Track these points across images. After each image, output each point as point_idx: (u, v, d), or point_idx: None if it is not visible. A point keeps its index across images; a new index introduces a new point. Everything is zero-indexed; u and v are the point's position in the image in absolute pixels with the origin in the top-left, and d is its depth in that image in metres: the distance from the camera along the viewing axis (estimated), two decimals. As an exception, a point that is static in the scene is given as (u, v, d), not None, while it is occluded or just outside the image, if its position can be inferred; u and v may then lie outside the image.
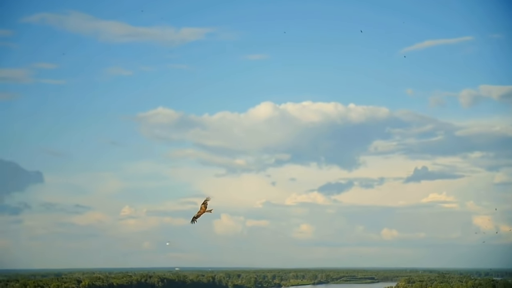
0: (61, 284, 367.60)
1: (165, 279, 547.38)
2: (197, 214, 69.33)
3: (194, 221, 70.40)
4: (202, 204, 70.06)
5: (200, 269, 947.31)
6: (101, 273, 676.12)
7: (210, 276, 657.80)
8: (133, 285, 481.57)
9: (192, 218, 69.90)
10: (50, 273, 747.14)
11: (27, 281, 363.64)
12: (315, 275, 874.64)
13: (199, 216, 70.36)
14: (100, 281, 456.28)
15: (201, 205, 70.03)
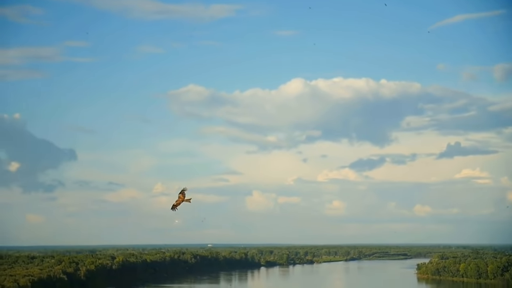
0: (95, 260, 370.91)
1: (198, 255, 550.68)
2: (176, 202, 69.17)
3: (174, 209, 70.31)
4: (179, 194, 69.69)
5: (233, 245, 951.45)
6: (134, 250, 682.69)
7: (242, 252, 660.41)
8: (166, 262, 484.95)
9: (172, 206, 69.79)
10: (84, 250, 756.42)
11: (62, 257, 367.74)
12: (347, 251, 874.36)
13: (178, 204, 70.19)
14: (134, 257, 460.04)
15: (179, 194, 69.69)
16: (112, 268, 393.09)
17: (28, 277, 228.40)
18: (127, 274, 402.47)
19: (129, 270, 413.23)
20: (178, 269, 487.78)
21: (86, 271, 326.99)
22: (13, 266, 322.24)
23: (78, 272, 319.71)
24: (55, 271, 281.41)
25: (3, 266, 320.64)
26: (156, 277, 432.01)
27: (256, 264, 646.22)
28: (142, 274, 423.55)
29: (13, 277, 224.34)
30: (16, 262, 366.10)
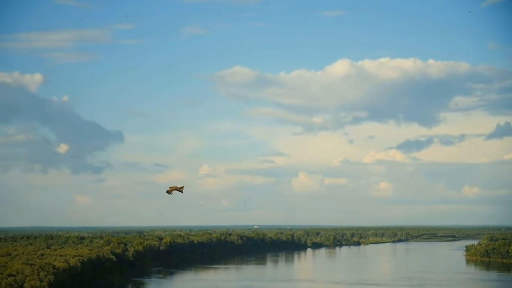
0: (143, 241, 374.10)
1: (244, 236, 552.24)
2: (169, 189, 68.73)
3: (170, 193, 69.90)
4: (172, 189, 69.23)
5: (279, 227, 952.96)
6: (181, 231, 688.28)
7: (289, 234, 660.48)
8: (213, 243, 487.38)
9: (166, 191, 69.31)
10: (132, 231, 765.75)
11: (110, 238, 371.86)
12: (394, 233, 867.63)
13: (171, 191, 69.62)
14: (181, 238, 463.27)
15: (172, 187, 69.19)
16: (159, 249, 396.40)
17: (78, 257, 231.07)
18: (174, 255, 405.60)
19: (177, 251, 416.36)
20: (225, 250, 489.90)
21: (134, 251, 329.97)
22: (63, 246, 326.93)
23: (126, 253, 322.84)
24: (104, 252, 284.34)
25: (54, 246, 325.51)
26: (203, 258, 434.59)
27: (302, 246, 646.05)
28: (189, 255, 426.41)
29: (64, 257, 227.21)
30: (66, 243, 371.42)
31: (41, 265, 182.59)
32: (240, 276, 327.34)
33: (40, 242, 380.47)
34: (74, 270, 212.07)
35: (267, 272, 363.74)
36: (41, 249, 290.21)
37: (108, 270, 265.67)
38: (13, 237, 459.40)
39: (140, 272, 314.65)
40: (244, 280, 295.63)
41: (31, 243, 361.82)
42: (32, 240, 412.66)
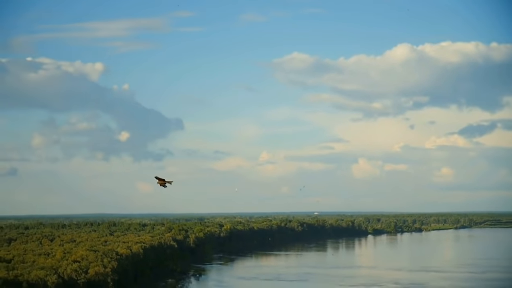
0: (204, 228, 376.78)
1: (304, 223, 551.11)
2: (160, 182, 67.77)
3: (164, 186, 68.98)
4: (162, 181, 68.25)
5: (339, 213, 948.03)
6: (241, 218, 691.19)
7: (349, 220, 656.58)
8: (273, 229, 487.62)
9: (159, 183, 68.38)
10: (193, 217, 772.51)
11: (172, 225, 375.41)
12: (457, 219, 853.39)
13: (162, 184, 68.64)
14: (241, 225, 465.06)
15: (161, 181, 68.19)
16: (220, 236, 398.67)
17: (140, 244, 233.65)
18: (234, 242, 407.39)
19: (237, 238, 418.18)
20: (285, 237, 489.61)
21: (195, 238, 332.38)
22: (126, 233, 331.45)
23: (187, 240, 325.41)
24: (166, 238, 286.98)
25: (116, 233, 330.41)
26: (263, 244, 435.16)
27: (363, 232, 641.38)
28: (249, 242, 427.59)
29: (126, 244, 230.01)
30: (129, 229, 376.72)
31: (105, 252, 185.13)
32: (300, 263, 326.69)
33: (103, 229, 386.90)
34: (137, 256, 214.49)
35: (327, 259, 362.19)
36: (104, 236, 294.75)
37: (170, 256, 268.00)
38: (77, 224, 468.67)
39: (201, 259, 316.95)
40: (305, 267, 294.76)
41: (95, 230, 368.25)
42: (96, 227, 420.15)
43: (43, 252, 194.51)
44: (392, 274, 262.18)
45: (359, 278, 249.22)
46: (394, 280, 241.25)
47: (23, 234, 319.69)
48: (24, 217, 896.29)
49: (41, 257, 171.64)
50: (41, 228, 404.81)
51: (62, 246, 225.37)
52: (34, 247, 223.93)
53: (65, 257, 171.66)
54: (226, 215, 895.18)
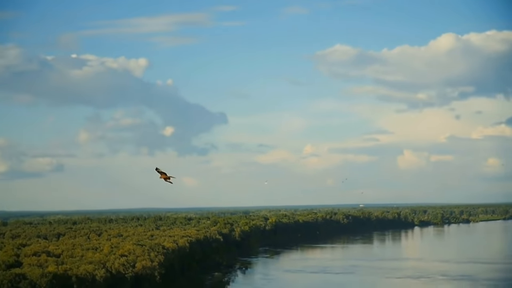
0: (249, 221, 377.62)
1: (350, 215, 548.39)
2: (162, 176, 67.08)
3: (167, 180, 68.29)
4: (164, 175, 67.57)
5: (385, 205, 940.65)
6: (286, 211, 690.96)
7: (395, 212, 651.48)
8: (318, 222, 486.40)
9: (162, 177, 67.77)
10: (238, 211, 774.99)
11: (217, 219, 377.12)
12: (505, 210, 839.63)
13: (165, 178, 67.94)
14: (286, 218, 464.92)
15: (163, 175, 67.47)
16: (265, 229, 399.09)
17: (186, 238, 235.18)
18: (280, 235, 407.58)
19: (282, 231, 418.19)
20: (330, 230, 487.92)
21: (240, 232, 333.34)
22: (172, 227, 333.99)
23: (233, 233, 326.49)
24: (211, 232, 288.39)
25: (162, 227, 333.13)
26: (308, 237, 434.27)
27: (410, 224, 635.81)
28: (295, 235, 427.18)
29: (172, 238, 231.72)
30: (175, 224, 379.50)
31: (151, 246, 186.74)
32: (346, 255, 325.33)
33: (149, 223, 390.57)
34: (183, 250, 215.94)
35: (373, 251, 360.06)
36: (151, 230, 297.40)
37: (216, 250, 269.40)
38: (123, 219, 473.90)
39: (246, 252, 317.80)
40: (351, 259, 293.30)
41: (141, 224, 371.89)
42: (142, 221, 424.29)
43: (91, 246, 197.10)
44: (440, 266, 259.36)
45: (406, 270, 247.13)
46: (442, 272, 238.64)
47: (71, 229, 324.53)
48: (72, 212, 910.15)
49: (89, 252, 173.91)
50: (88, 223, 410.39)
51: (110, 240, 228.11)
52: (82, 242, 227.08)
53: (113, 252, 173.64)
54: (271, 208, 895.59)
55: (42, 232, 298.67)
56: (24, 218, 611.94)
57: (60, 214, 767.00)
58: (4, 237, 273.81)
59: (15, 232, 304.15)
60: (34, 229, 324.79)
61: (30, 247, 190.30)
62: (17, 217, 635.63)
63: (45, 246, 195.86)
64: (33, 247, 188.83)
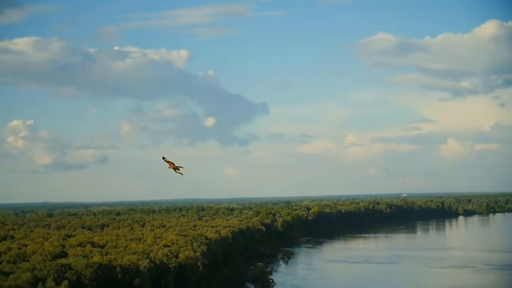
0: (291, 211, 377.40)
1: (392, 205, 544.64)
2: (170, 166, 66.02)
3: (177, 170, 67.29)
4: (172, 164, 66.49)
5: (428, 194, 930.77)
6: (329, 201, 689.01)
7: (439, 201, 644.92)
8: (361, 212, 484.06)
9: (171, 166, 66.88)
10: (280, 201, 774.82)
11: (259, 209, 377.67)
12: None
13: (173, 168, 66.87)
14: (329, 208, 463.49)
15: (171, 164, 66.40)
16: (307, 219, 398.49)
17: (228, 228, 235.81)
18: (322, 225, 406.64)
19: (324, 221, 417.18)
20: (373, 219, 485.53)
21: (282, 222, 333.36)
22: (214, 217, 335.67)
23: (275, 223, 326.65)
24: (254, 222, 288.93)
25: (205, 218, 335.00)
26: (351, 227, 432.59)
27: (454, 213, 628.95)
28: (337, 225, 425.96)
29: (215, 228, 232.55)
30: (217, 214, 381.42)
31: (194, 236, 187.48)
32: (389, 245, 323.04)
33: (192, 213, 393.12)
34: (226, 240, 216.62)
35: (417, 241, 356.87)
36: (193, 221, 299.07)
37: (258, 240, 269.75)
38: (166, 209, 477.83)
39: (289, 242, 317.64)
40: (394, 249, 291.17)
41: (184, 215, 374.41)
42: (185, 212, 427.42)
43: (135, 237, 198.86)
44: (484, 256, 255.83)
45: (450, 260, 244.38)
46: (486, 261, 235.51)
47: (115, 220, 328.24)
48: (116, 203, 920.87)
49: (133, 242, 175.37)
50: (132, 214, 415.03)
51: (153, 231, 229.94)
52: (126, 233, 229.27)
53: (156, 242, 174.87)
54: (313, 198, 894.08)
55: (87, 223, 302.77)
56: (68, 209, 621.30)
57: (104, 205, 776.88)
58: (50, 228, 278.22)
59: (60, 223, 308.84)
60: (79, 220, 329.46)
61: (75, 238, 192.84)
62: (62, 209, 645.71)
63: (89, 237, 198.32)
64: (78, 238, 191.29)
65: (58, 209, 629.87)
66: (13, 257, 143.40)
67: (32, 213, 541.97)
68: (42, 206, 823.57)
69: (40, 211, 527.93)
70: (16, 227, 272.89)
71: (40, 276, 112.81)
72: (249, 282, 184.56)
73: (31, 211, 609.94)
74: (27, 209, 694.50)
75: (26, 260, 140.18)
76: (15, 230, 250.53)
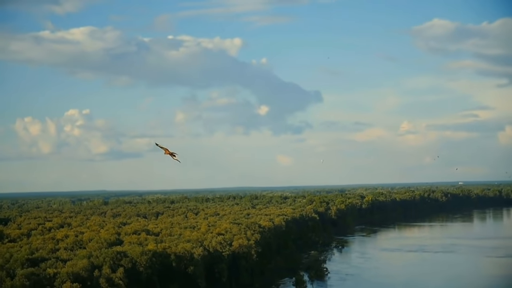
0: (345, 200, 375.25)
1: (448, 193, 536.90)
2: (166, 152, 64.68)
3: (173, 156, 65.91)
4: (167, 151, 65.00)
5: (485, 183, 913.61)
6: (383, 189, 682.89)
7: (496, 190, 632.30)
8: (415, 200, 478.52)
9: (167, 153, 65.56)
10: (334, 189, 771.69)
11: (313, 197, 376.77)
12: None
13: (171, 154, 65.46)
14: (383, 196, 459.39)
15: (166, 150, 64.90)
16: (362, 207, 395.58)
17: (282, 217, 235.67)
18: (376, 213, 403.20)
19: (379, 209, 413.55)
20: (428, 208, 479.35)
21: (336, 210, 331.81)
22: (267, 206, 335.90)
23: (329, 212, 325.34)
24: (307, 211, 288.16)
25: (258, 206, 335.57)
26: (405, 215, 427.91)
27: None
28: (392, 213, 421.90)
29: (268, 216, 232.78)
30: (270, 202, 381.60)
31: (248, 224, 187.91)
32: (445, 234, 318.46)
33: (245, 202, 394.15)
34: (279, 229, 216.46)
35: (473, 230, 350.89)
36: (247, 209, 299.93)
37: (312, 228, 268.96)
38: (220, 198, 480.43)
39: (342, 230, 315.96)
40: (450, 238, 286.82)
41: (237, 203, 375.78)
42: (238, 200, 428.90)
43: (189, 225, 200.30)
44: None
45: (508, 249, 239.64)
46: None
47: (169, 208, 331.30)
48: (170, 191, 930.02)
49: (187, 230, 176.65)
50: (186, 202, 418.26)
51: (207, 219, 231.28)
52: (180, 221, 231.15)
53: (210, 230, 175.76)
54: (367, 186, 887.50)
55: (142, 211, 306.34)
56: (124, 197, 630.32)
57: (158, 194, 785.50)
58: (106, 216, 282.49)
59: (115, 211, 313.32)
60: (134, 208, 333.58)
61: (130, 225, 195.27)
62: (117, 197, 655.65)
63: (144, 225, 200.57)
64: (133, 225, 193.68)
65: (114, 197, 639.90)
66: (70, 244, 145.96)
67: (88, 201, 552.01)
68: (98, 194, 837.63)
69: (96, 199, 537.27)
70: (73, 215, 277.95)
71: (96, 263, 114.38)
72: (302, 270, 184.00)
73: (87, 199, 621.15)
74: (84, 197, 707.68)
75: (83, 247, 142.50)
76: (72, 218, 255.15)
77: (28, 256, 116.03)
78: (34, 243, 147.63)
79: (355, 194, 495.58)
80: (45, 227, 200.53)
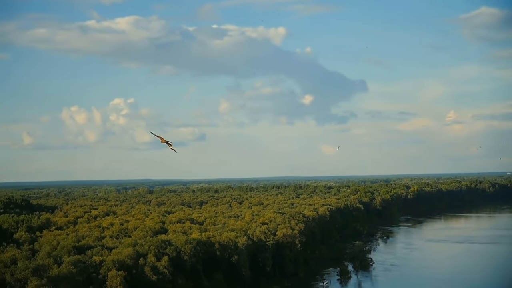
0: (390, 190, 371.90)
1: (496, 184, 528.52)
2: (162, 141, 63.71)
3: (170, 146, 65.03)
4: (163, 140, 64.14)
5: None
6: (429, 179, 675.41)
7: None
8: (462, 191, 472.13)
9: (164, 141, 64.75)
10: (378, 179, 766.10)
11: (357, 187, 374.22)
12: None
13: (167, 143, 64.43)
14: (429, 187, 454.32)
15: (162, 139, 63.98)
16: (407, 198, 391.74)
17: (326, 206, 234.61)
18: (422, 203, 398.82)
19: (424, 200, 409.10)
20: (475, 198, 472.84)
21: (381, 200, 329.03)
22: (311, 195, 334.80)
23: (373, 202, 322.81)
24: (352, 201, 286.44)
25: (303, 195, 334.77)
26: (452, 206, 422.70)
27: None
28: (438, 203, 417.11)
29: (312, 206, 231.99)
30: (315, 192, 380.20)
31: (292, 214, 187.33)
32: (492, 225, 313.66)
33: (289, 191, 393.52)
34: (323, 218, 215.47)
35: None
36: (291, 199, 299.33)
37: (356, 218, 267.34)
38: (264, 187, 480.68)
39: (387, 221, 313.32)
40: (497, 229, 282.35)
41: (281, 193, 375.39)
42: (282, 189, 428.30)
43: (233, 214, 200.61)
44: None
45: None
46: None
47: (213, 197, 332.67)
48: (214, 180, 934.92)
49: (231, 219, 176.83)
50: (230, 191, 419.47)
51: (251, 208, 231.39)
52: (224, 210, 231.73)
53: (254, 219, 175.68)
54: (412, 176, 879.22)
55: (186, 200, 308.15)
56: (168, 186, 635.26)
57: (202, 183, 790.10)
58: (150, 204, 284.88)
59: (160, 199, 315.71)
60: (178, 197, 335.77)
61: (175, 214, 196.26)
62: (162, 185, 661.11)
63: (188, 214, 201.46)
64: (177, 214, 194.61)
65: (158, 186, 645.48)
66: (116, 233, 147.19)
67: (133, 189, 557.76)
68: (143, 183, 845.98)
69: (141, 188, 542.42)
70: (118, 203, 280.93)
71: (141, 251, 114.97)
72: (347, 260, 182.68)
73: (132, 187, 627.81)
74: (129, 185, 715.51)
75: (128, 235, 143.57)
76: (117, 206, 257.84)
77: (74, 244, 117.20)
78: (80, 231, 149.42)
79: (400, 184, 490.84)
80: (91, 215, 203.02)
